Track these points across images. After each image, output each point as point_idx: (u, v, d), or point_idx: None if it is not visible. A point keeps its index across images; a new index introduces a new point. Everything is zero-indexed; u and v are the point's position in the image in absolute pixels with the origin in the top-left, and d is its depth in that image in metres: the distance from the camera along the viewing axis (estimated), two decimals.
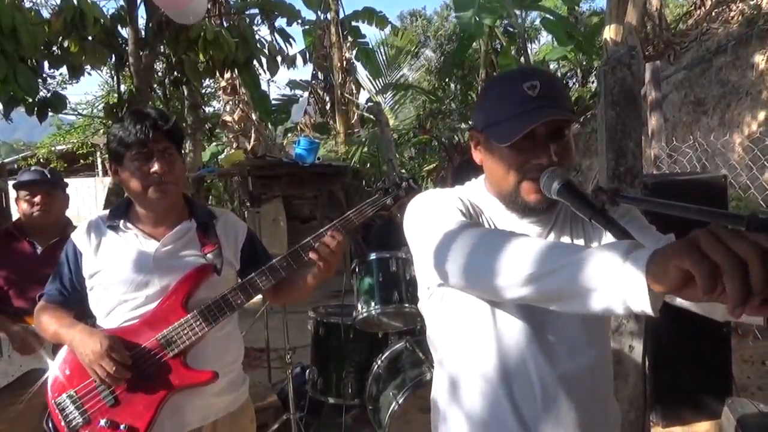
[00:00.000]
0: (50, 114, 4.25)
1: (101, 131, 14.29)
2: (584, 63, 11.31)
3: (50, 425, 1.59)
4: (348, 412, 3.37)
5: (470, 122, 11.33)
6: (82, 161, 15.91)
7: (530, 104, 1.02)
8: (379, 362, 3.13)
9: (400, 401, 2.72)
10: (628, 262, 0.72)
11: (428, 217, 1.09)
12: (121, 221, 1.68)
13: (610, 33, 7.56)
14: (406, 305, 2.92)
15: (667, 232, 1.13)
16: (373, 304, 2.95)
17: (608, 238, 1.12)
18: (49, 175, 2.55)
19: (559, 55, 10.13)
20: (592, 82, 12.33)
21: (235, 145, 9.84)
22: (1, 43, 2.79)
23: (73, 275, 1.68)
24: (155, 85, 5.67)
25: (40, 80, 3.85)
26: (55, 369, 1.63)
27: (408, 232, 1.14)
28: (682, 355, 3.27)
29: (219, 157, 10.66)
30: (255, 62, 5.11)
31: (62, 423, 1.56)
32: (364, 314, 2.97)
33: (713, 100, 7.36)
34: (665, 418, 3.33)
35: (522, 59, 10.72)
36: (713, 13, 8.38)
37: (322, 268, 1.63)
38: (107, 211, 1.74)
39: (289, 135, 12.64)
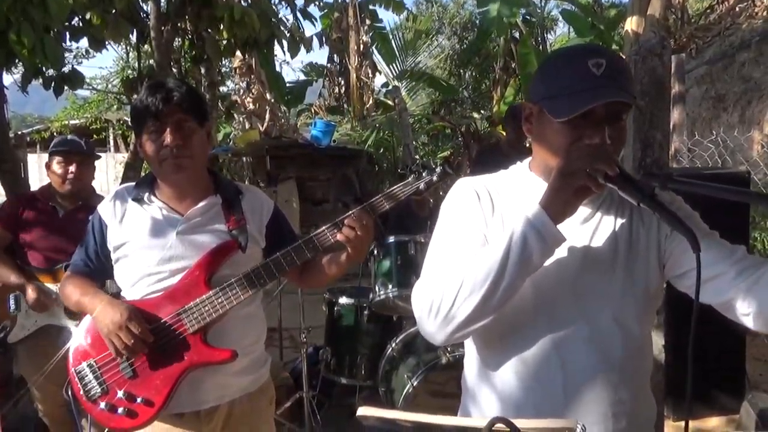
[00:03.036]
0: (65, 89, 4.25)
1: (114, 107, 14.31)
2: None
3: (69, 393, 1.60)
4: (360, 393, 3.39)
5: (483, 111, 11.28)
6: (95, 136, 15.95)
7: (593, 82, 1.00)
8: (393, 345, 3.14)
9: (415, 384, 2.74)
10: (525, 214, 0.99)
11: (438, 237, 1.15)
12: (146, 194, 1.66)
13: (631, 25, 7.47)
14: None
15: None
16: (390, 286, 2.96)
17: (655, 221, 1.11)
18: (84, 146, 2.65)
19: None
20: None
21: (248, 125, 9.82)
22: (29, 12, 2.79)
23: (98, 246, 1.67)
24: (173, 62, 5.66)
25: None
26: (77, 337, 1.64)
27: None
28: (696, 350, 3.26)
29: (231, 135, 10.66)
30: (275, 43, 5.08)
31: (81, 392, 1.56)
32: (381, 296, 2.99)
33: (734, 96, 7.28)
34: (676, 412, 3.33)
35: (540, 48, 10.62)
36: (737, 8, 8.25)
37: (350, 251, 1.58)
38: (133, 184, 1.73)
39: (302, 117, 12.62)
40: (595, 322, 1.08)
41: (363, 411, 0.64)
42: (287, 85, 11.50)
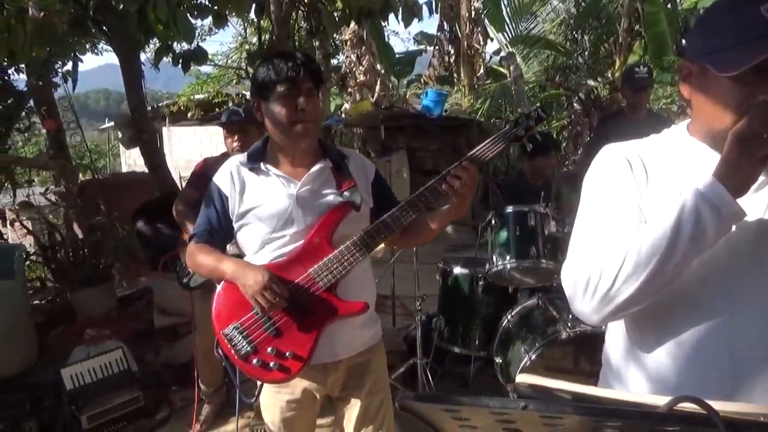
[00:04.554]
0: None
1: (234, 81, 15.06)
2: None
3: (221, 352, 1.72)
4: (473, 363, 3.38)
5: (605, 77, 10.60)
6: (217, 109, 16.91)
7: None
8: (509, 317, 3.08)
9: (533, 357, 2.68)
10: (696, 186, 0.90)
11: (588, 209, 1.07)
12: (261, 163, 1.76)
13: None
14: (543, 261, 2.84)
15: None
16: (508, 257, 2.90)
17: None
18: (242, 114, 2.89)
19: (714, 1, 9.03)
20: None
21: (359, 97, 9.94)
22: None
23: (220, 216, 1.77)
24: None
25: None
26: (217, 304, 1.73)
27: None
28: None
29: (343, 107, 10.84)
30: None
31: (232, 351, 1.68)
32: (499, 267, 2.93)
33: None
34: None
35: (669, 6, 9.72)
36: None
37: (455, 203, 1.63)
38: (244, 155, 1.81)
39: (412, 87, 12.56)
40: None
41: (521, 378, 0.62)
42: (396, 55, 11.48)
